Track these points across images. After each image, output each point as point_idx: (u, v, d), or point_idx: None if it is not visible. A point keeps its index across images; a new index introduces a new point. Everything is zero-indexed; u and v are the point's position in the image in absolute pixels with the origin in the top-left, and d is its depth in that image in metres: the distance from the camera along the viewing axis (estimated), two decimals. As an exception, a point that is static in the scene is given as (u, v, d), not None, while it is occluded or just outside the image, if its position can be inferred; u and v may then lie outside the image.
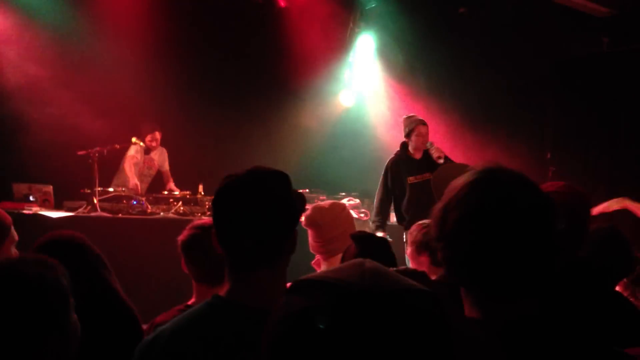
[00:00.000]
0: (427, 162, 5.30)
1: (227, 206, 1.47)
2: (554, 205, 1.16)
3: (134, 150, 6.28)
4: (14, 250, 2.34)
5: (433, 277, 3.00)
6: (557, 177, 6.62)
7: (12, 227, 2.40)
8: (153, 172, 6.60)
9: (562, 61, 7.28)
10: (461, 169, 1.90)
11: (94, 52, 6.51)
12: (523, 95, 7.39)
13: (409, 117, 5.62)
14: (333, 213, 2.56)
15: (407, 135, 5.49)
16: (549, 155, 6.99)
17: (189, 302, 2.19)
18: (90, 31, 6.47)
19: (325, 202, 2.75)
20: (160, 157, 6.61)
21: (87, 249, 2.01)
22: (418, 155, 5.45)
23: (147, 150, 6.46)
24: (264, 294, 1.38)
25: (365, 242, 2.26)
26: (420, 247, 2.64)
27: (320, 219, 2.51)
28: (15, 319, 1.24)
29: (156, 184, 6.64)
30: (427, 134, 5.41)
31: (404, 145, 5.56)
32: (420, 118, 5.55)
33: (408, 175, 5.36)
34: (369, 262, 0.79)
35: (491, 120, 7.32)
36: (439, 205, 1.19)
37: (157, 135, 6.41)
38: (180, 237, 2.55)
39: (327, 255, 2.50)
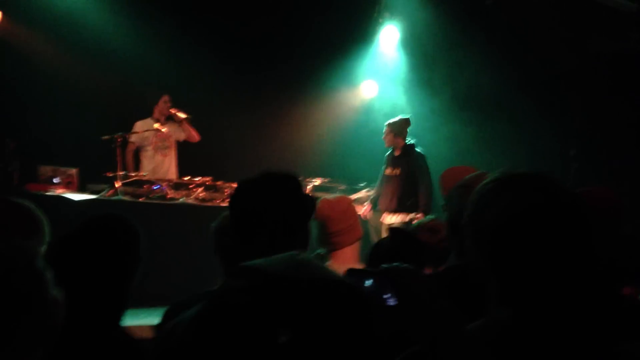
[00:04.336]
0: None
1: (242, 207, 1.61)
2: (591, 211, 1.16)
3: (133, 137, 6.23)
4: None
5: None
6: (581, 174, 6.54)
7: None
8: (168, 143, 6.43)
9: (589, 57, 7.15)
10: (468, 171, 1.92)
11: (120, 42, 6.60)
12: (548, 91, 7.29)
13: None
14: (341, 206, 2.56)
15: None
16: (573, 152, 6.89)
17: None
18: (115, 16, 6.56)
19: (333, 195, 2.77)
20: (173, 129, 6.43)
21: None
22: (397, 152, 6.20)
23: (158, 121, 6.32)
24: None
25: (398, 238, 2.29)
26: None
27: (329, 211, 2.52)
28: None
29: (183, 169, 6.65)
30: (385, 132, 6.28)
31: None
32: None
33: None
34: (301, 255, 0.86)
35: (515, 115, 7.24)
36: (469, 208, 1.19)
37: (167, 98, 6.35)
38: (215, 224, 2.61)
39: (335, 248, 2.52)
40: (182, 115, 6.32)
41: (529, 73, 7.21)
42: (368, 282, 1.06)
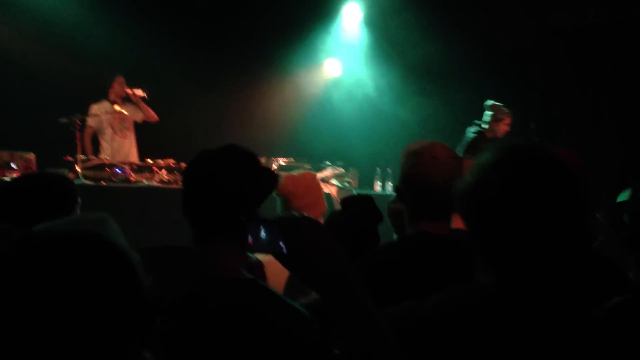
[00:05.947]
0: None
1: (196, 175, 1.59)
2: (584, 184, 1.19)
3: (90, 120, 6.09)
4: None
5: None
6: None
7: None
8: (127, 124, 6.32)
9: (548, 31, 7.25)
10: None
11: (75, 22, 6.44)
12: (508, 65, 7.37)
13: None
14: (305, 182, 2.58)
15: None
16: (533, 125, 7.01)
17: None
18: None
19: (297, 171, 2.78)
20: (131, 110, 6.29)
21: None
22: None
23: (115, 103, 6.18)
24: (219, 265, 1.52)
25: (349, 202, 2.26)
26: None
27: (292, 187, 2.53)
28: None
29: (142, 152, 6.53)
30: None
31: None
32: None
33: None
34: (90, 215, 0.94)
35: (475, 89, 7.30)
36: (468, 183, 1.21)
37: (122, 79, 6.20)
38: None
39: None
40: (140, 93, 6.18)
41: (491, 46, 7.27)
42: (263, 231, 1.06)
